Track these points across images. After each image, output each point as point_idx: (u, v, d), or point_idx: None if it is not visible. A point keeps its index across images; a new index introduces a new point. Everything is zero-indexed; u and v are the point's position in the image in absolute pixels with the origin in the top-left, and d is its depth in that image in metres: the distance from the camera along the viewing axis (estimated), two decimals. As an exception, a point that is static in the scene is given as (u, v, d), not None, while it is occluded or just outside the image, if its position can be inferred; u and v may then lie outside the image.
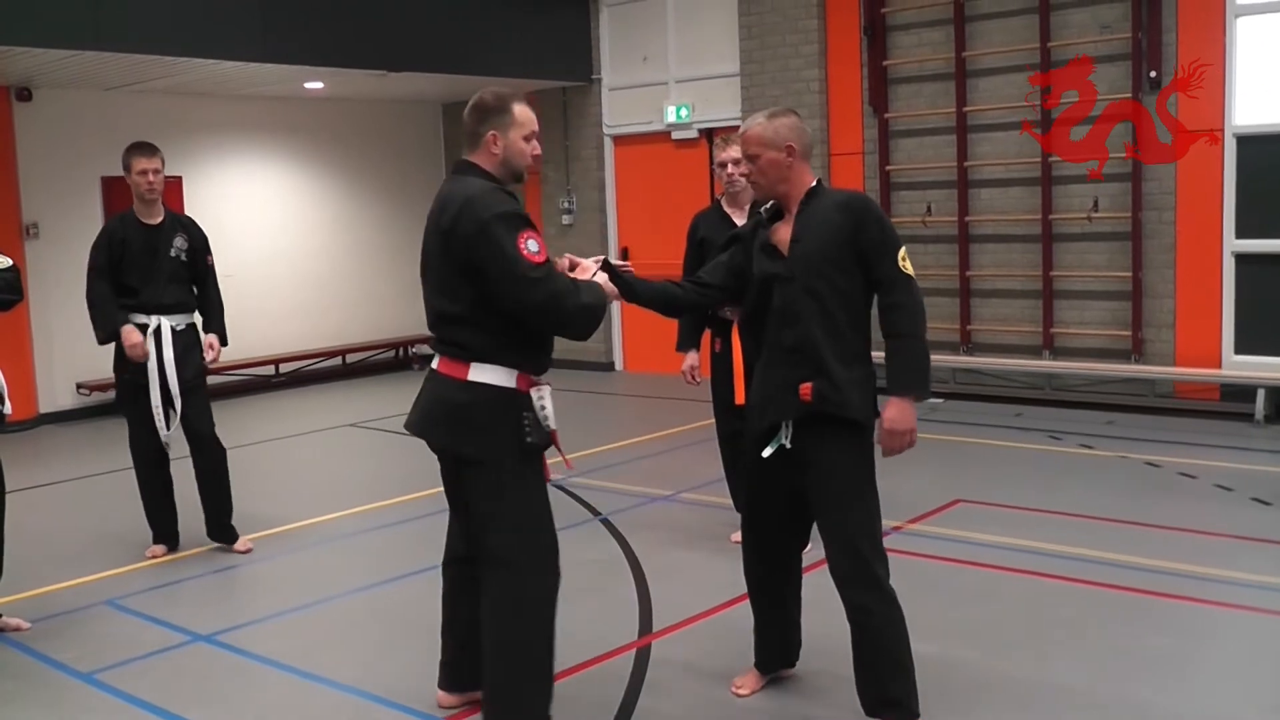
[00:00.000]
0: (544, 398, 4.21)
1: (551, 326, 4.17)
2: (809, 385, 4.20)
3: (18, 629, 5.85)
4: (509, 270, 3.97)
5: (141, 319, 6.85)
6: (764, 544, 4.61)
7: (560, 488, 8.17)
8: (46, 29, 9.24)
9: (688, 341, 6.85)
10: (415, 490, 8.30)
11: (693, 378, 6.84)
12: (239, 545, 7.11)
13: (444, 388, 4.17)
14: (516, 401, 4.13)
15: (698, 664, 5.11)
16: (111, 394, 12.11)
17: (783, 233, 4.35)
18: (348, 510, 8.00)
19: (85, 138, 12.11)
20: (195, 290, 7.12)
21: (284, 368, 13.60)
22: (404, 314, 15.10)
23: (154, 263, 6.89)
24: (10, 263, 5.78)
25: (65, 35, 9.38)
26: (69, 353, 12.00)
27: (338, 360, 14.39)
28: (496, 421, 4.11)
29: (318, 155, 14.34)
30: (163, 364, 6.82)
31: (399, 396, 12.78)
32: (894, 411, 4.14)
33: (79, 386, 12.07)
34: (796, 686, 4.83)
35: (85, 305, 6.89)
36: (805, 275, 4.22)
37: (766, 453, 4.35)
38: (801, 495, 4.36)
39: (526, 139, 4.27)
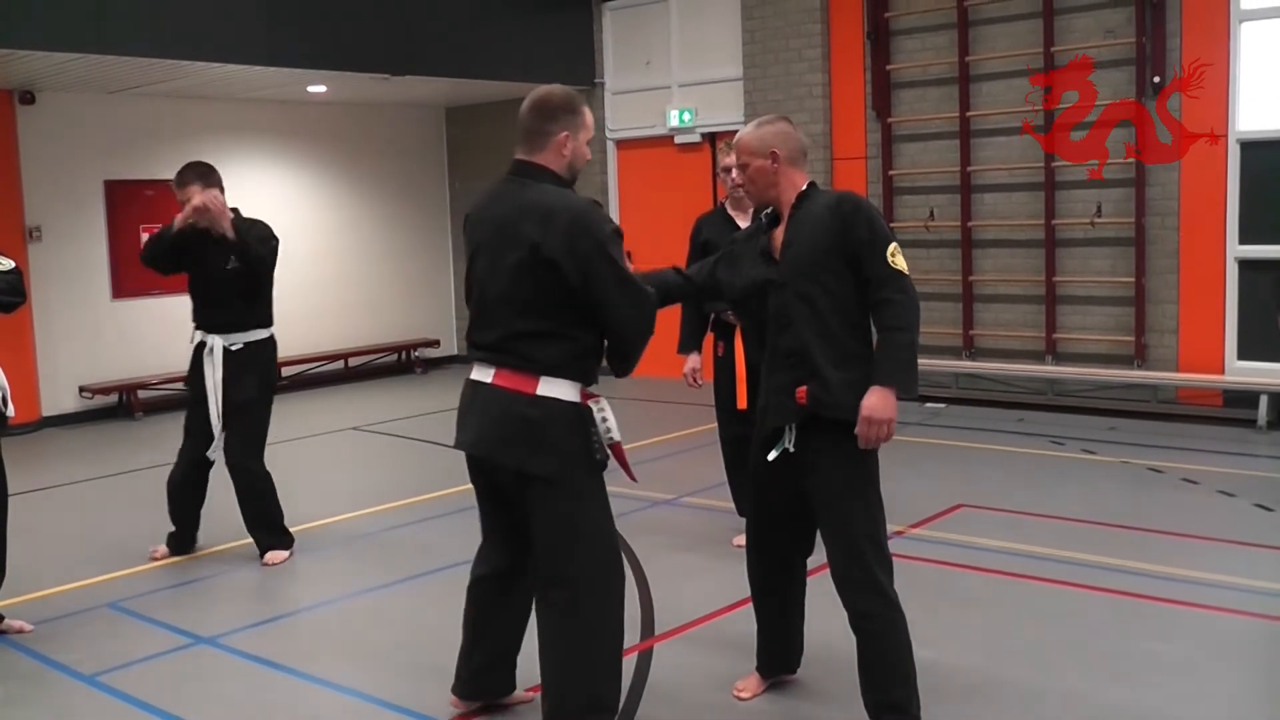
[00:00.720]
0: (604, 410, 4.15)
1: (641, 344, 4.19)
2: (803, 389, 4.21)
3: (20, 631, 5.84)
4: (633, 293, 4.04)
5: (200, 336, 6.83)
6: (768, 547, 4.61)
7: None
8: (49, 32, 9.25)
9: (689, 344, 6.85)
10: (418, 494, 8.32)
11: (695, 380, 6.84)
12: (267, 558, 6.97)
13: (511, 403, 4.03)
14: (584, 415, 4.08)
15: (699, 668, 5.10)
16: (114, 397, 12.19)
17: (777, 238, 4.37)
18: (351, 514, 8.00)
19: (88, 141, 12.13)
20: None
21: (286, 371, 13.60)
22: (406, 318, 15.14)
23: (209, 276, 6.76)
24: (13, 264, 5.76)
25: (68, 38, 9.39)
26: (72, 356, 12.03)
27: (340, 364, 14.40)
28: (570, 437, 4.05)
29: (320, 159, 14.35)
30: (215, 383, 6.75)
31: (402, 400, 12.84)
32: (873, 399, 4.07)
33: (81, 390, 12.08)
34: (798, 690, 4.83)
35: (83, 305, 6.78)
36: (796, 280, 4.23)
37: (771, 456, 4.35)
38: (805, 499, 4.36)
39: (587, 143, 4.26)
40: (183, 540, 7.12)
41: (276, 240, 6.86)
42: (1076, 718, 4.52)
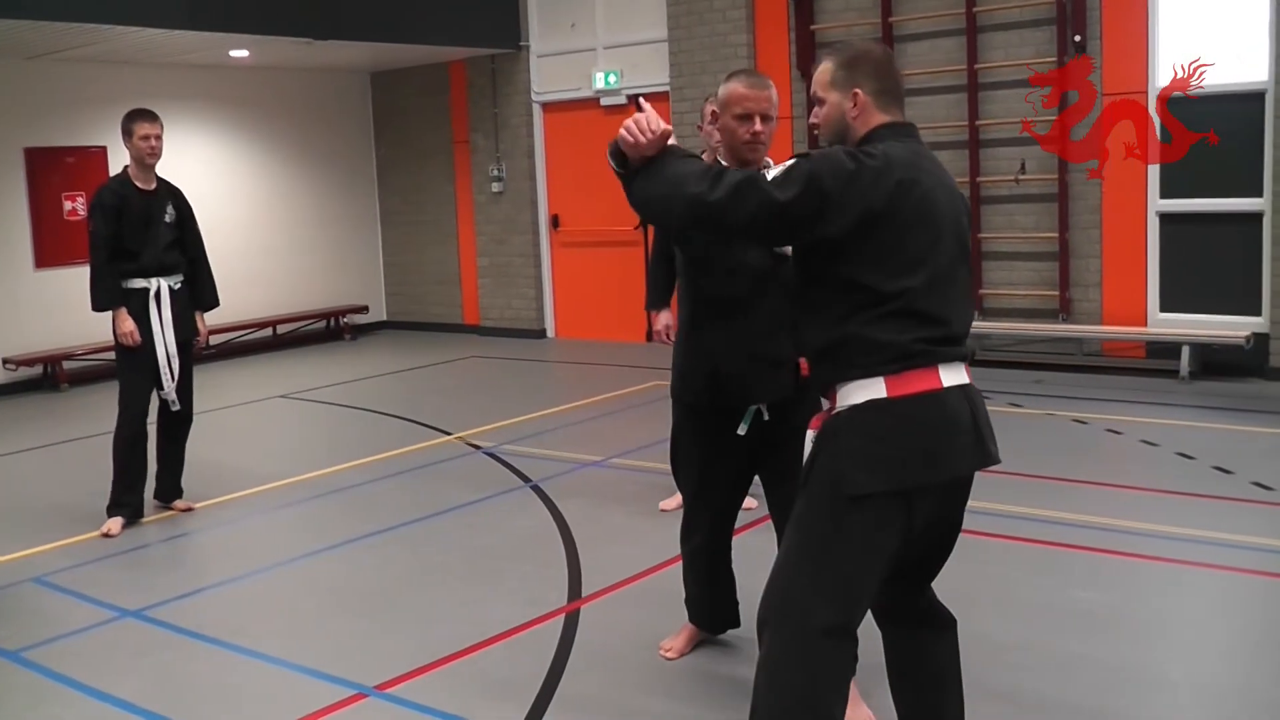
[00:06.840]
0: None
1: None
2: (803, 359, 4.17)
3: (-59, 608, 5.79)
4: None
5: (140, 283, 7.02)
6: (723, 510, 4.62)
7: (492, 455, 8.19)
8: (-39, -3, 9.06)
9: (658, 300, 6.43)
10: (344, 461, 8.28)
11: (668, 337, 6.23)
12: (181, 504, 7.30)
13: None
14: None
15: (626, 628, 5.12)
16: (38, 369, 12.01)
17: None
18: (277, 483, 7.93)
19: (6, 108, 11.89)
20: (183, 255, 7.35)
21: (213, 339, 13.47)
22: (334, 285, 15.01)
23: (151, 228, 7.06)
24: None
25: (-18, 3, 9.20)
26: (-7, 328, 11.85)
27: (268, 331, 14.27)
28: None
29: (245, 125, 14.16)
30: (163, 323, 7.04)
31: (331, 367, 12.75)
32: None
33: (5, 361, 11.88)
34: (723, 648, 4.86)
35: (5, 275, 6.78)
36: None
37: (743, 430, 4.33)
38: (758, 459, 4.38)
39: None
40: (139, 507, 7.16)
41: None
42: (1003, 667, 4.57)
